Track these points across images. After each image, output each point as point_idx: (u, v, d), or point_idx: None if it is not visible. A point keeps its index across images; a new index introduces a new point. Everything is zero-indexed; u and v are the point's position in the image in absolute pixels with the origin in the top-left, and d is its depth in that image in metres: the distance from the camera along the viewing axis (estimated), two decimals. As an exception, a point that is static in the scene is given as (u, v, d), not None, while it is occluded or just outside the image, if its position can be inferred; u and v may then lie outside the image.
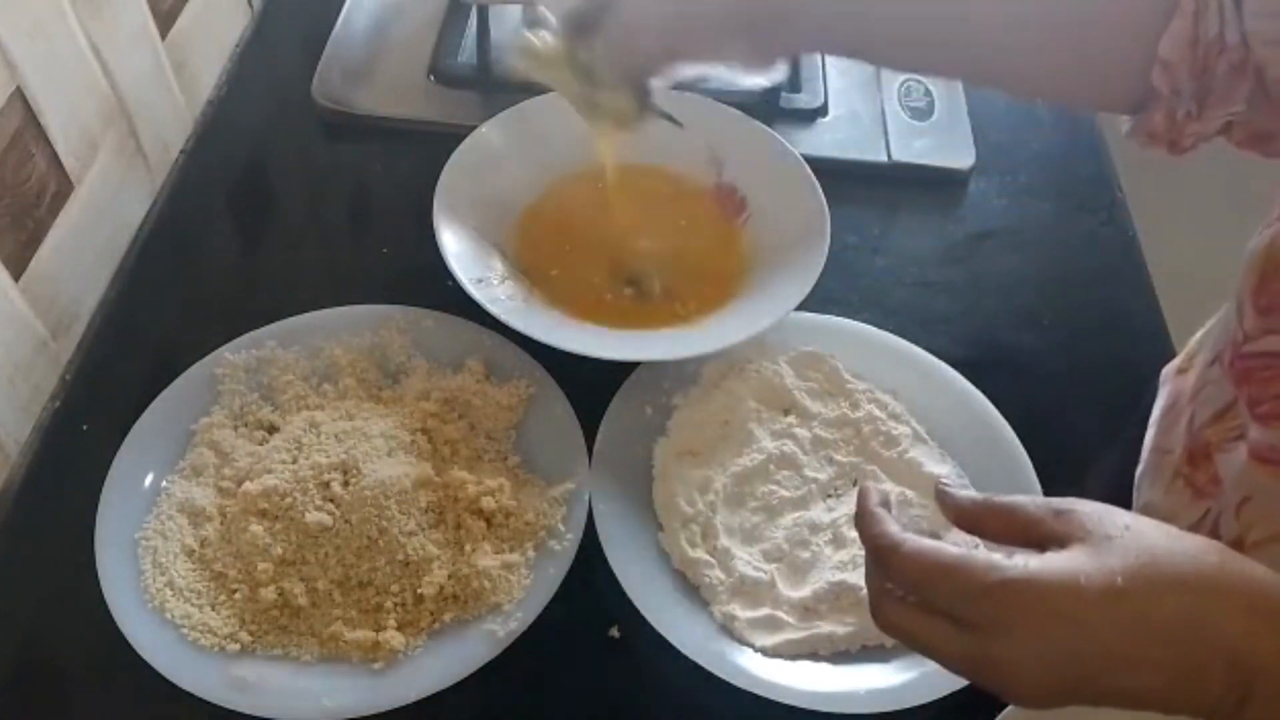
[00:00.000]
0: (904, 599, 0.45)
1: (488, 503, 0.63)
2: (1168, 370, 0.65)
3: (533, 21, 0.66)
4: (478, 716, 0.60)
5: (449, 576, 0.60)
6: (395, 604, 0.60)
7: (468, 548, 0.62)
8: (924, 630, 0.44)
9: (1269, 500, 0.51)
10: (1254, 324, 0.51)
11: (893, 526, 0.45)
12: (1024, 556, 0.43)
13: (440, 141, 0.79)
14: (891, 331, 0.74)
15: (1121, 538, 0.43)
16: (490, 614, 0.60)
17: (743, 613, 0.62)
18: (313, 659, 0.58)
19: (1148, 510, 0.63)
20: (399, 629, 0.59)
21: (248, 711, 0.56)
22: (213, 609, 0.59)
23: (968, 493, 0.47)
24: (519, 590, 0.61)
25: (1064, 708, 0.43)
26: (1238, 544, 0.53)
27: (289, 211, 0.86)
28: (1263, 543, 0.51)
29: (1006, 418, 0.69)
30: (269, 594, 0.59)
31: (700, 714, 0.61)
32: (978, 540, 0.47)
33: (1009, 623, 0.42)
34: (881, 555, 0.45)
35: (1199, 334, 0.64)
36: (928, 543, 0.44)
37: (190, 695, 0.56)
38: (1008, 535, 0.45)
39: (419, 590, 0.60)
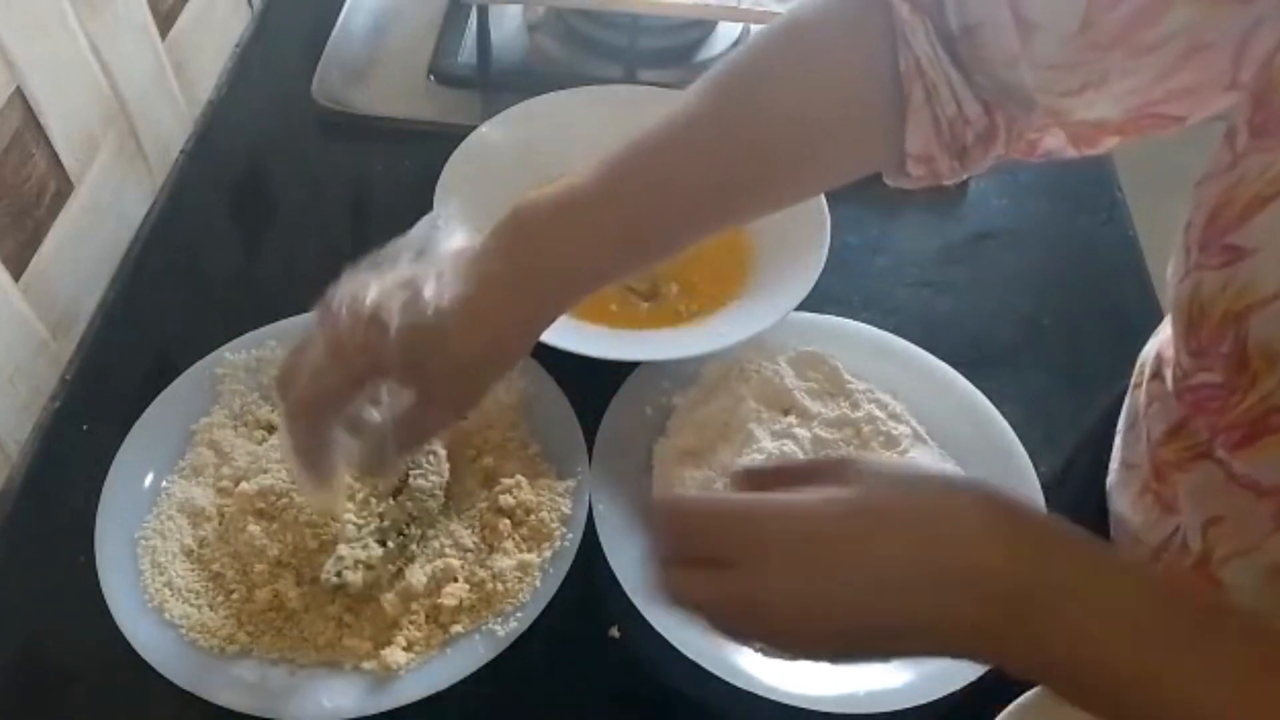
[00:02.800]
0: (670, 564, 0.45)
1: (506, 500, 0.63)
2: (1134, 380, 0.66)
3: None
4: (478, 716, 0.60)
5: (470, 587, 0.60)
6: (411, 621, 0.59)
7: (494, 545, 0.62)
8: (690, 583, 0.44)
9: (1243, 518, 0.50)
10: (1189, 364, 0.51)
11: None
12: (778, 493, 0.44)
13: (440, 141, 0.79)
14: (891, 331, 0.74)
15: (883, 474, 0.44)
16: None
17: (743, 613, 0.61)
18: (309, 662, 0.58)
19: (1119, 523, 0.63)
20: (407, 647, 0.58)
21: (248, 711, 0.56)
22: (211, 609, 0.59)
23: (762, 460, 0.46)
24: (528, 594, 0.60)
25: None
26: (1204, 560, 0.53)
27: (289, 211, 0.86)
28: (1228, 558, 0.51)
29: (1006, 418, 0.69)
30: (264, 595, 0.59)
31: (700, 714, 0.61)
32: None
33: (764, 552, 0.42)
34: (647, 521, 0.45)
35: (1147, 347, 0.64)
36: (684, 494, 0.46)
37: (190, 695, 0.56)
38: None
39: (438, 601, 0.59)
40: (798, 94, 0.55)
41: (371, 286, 0.51)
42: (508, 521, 0.63)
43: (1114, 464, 0.64)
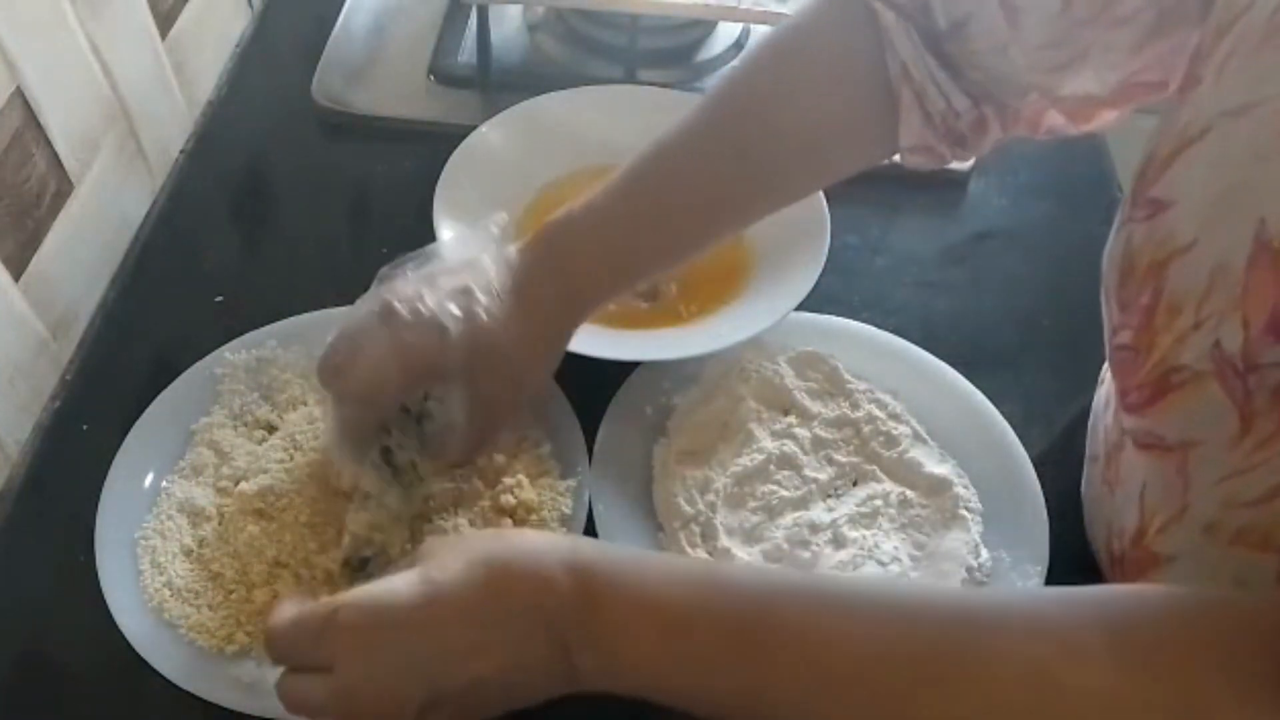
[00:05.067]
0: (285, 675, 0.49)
1: (507, 500, 0.63)
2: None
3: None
4: None
5: None
6: None
7: None
8: (298, 690, 0.48)
9: (1158, 483, 0.52)
10: (1118, 319, 0.53)
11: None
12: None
13: (440, 141, 0.79)
14: (891, 331, 0.74)
15: (443, 550, 0.48)
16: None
17: (743, 613, 0.61)
18: None
19: (1090, 518, 0.64)
20: None
21: (247, 711, 0.56)
22: (210, 609, 0.59)
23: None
24: None
25: None
26: (1140, 533, 0.55)
27: (289, 211, 0.86)
28: (1164, 526, 0.52)
29: (1006, 418, 0.69)
30: (263, 595, 0.59)
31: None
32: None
33: (349, 647, 0.46)
34: (265, 643, 0.49)
35: None
36: (279, 610, 0.49)
37: (190, 695, 0.56)
38: None
39: None
40: (793, 104, 0.60)
41: (427, 290, 0.56)
42: (509, 521, 0.62)
43: (1085, 464, 0.65)
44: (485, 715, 0.48)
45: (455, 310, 0.55)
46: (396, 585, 0.46)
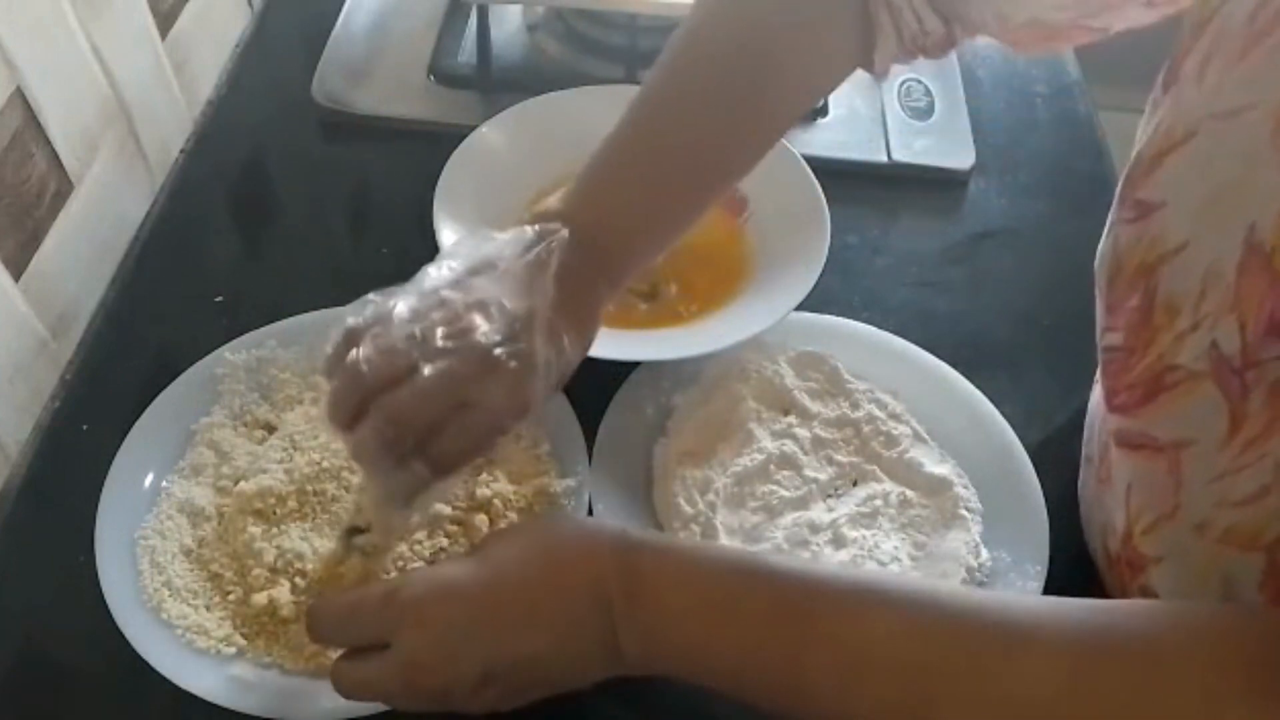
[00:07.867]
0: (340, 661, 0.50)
1: (482, 492, 0.63)
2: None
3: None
4: (477, 717, 0.60)
5: None
6: None
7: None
8: (357, 670, 0.49)
9: (1147, 483, 0.52)
10: (1105, 321, 0.54)
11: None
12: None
13: (440, 141, 0.79)
14: (891, 331, 0.74)
15: (503, 535, 0.50)
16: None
17: (743, 613, 0.61)
18: (297, 671, 0.58)
19: (1086, 519, 0.64)
20: None
21: (247, 711, 0.56)
22: (208, 610, 0.59)
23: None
24: None
25: None
26: (1128, 535, 0.55)
27: (289, 211, 0.86)
28: (1152, 526, 0.53)
29: (1006, 418, 0.69)
30: (259, 600, 0.59)
31: (700, 714, 0.61)
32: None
33: (411, 621, 0.47)
34: (308, 624, 0.51)
35: None
36: (332, 596, 0.51)
37: (190, 695, 0.56)
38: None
39: None
40: (771, 32, 0.59)
41: (476, 320, 0.50)
42: (484, 516, 0.62)
43: (1081, 464, 0.65)
44: (534, 694, 0.49)
45: (545, 356, 0.51)
46: (458, 565, 0.49)
